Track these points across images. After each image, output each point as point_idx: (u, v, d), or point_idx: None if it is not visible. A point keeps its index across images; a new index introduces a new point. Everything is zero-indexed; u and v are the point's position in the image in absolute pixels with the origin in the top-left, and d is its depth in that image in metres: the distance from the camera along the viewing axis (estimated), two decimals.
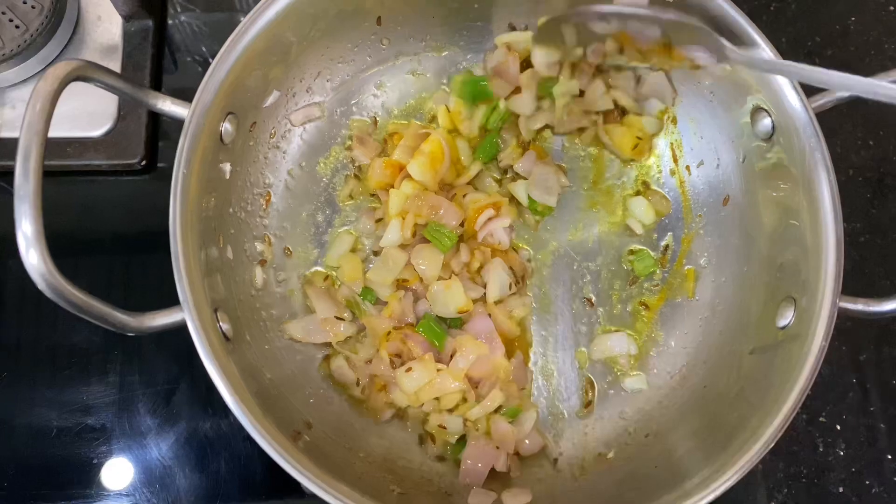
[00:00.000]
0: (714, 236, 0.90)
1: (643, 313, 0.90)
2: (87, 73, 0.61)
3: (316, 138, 0.92)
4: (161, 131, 0.98)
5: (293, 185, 0.91)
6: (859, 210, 1.00)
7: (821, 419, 0.93)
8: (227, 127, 0.77)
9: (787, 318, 0.76)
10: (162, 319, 0.68)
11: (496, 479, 0.82)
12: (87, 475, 0.86)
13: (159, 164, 0.98)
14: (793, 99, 0.76)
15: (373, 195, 0.92)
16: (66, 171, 0.95)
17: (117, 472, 0.87)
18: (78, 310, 0.61)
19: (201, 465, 0.87)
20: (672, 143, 0.93)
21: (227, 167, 0.80)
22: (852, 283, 0.75)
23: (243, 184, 0.85)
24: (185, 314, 0.68)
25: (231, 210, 0.83)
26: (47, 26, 0.95)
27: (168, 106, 0.71)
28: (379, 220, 0.90)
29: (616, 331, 0.89)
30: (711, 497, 0.69)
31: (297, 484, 0.83)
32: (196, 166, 0.71)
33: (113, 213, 0.97)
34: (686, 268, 0.91)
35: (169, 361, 0.90)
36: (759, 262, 0.84)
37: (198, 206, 0.73)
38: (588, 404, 0.87)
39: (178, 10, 1.04)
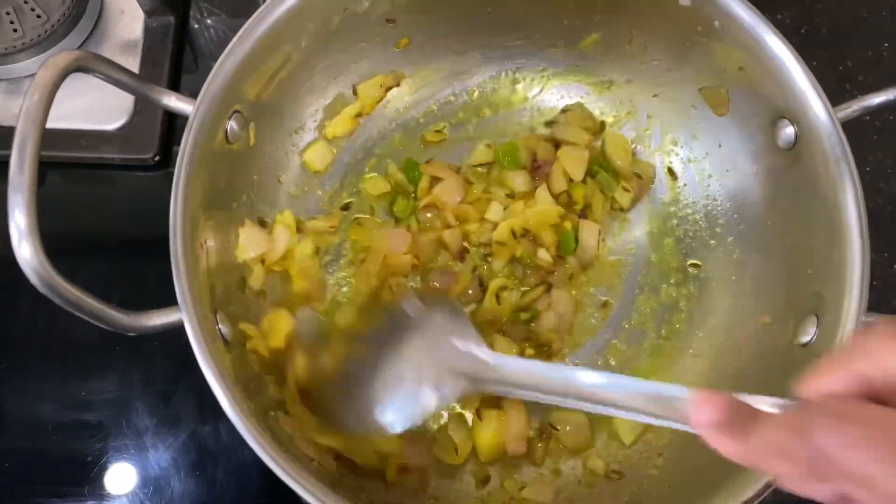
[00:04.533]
0: (734, 250, 0.88)
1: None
2: (89, 63, 0.60)
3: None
4: (176, 128, 0.98)
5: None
6: (888, 239, 0.96)
7: None
8: (232, 125, 0.75)
9: (809, 334, 0.73)
10: (159, 319, 0.66)
11: None
12: (81, 472, 0.85)
13: (173, 161, 0.96)
14: (817, 107, 0.73)
15: None
16: (79, 163, 0.95)
17: (112, 471, 0.85)
18: (71, 306, 0.60)
19: (197, 469, 0.86)
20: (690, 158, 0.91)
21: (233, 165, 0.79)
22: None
23: (249, 183, 0.84)
24: (182, 314, 0.66)
25: (236, 207, 0.82)
26: (69, 17, 0.95)
27: (173, 102, 0.69)
28: None
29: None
30: None
31: (293, 494, 0.82)
32: (199, 164, 0.70)
33: (125, 207, 0.97)
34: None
35: (170, 361, 0.89)
36: (779, 276, 0.81)
37: (201, 204, 0.72)
38: None
39: (204, 13, 1.04)
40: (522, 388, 0.61)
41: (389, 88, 0.93)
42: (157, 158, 0.95)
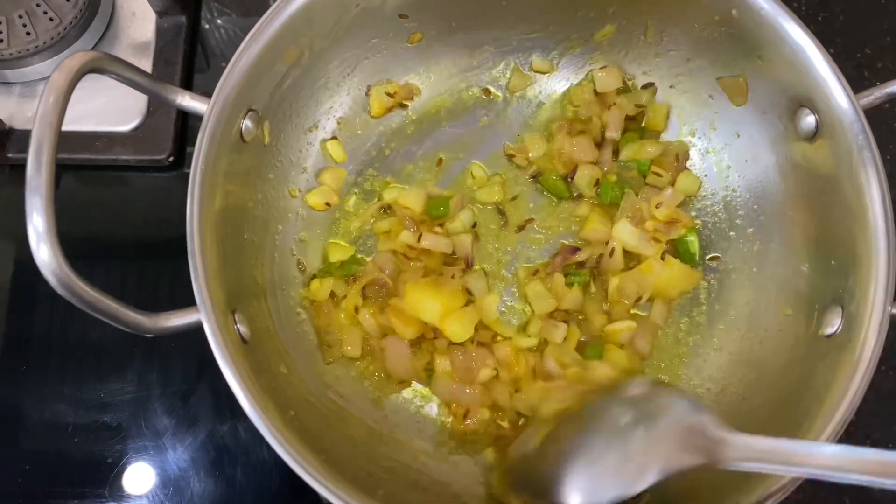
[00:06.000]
0: (754, 241, 0.87)
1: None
2: (103, 64, 0.60)
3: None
4: (189, 128, 0.98)
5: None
6: None
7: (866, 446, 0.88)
8: (247, 124, 0.75)
9: (834, 326, 0.72)
10: (177, 320, 0.66)
11: None
12: (101, 474, 0.85)
13: (186, 161, 0.97)
14: (839, 95, 0.72)
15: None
16: (93, 165, 0.95)
17: (131, 473, 0.86)
18: (90, 308, 0.59)
19: (217, 469, 0.86)
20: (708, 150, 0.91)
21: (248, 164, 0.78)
22: None
23: (265, 181, 0.84)
24: (200, 315, 0.66)
25: (251, 206, 0.82)
26: (81, 20, 0.95)
27: (187, 101, 0.69)
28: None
29: None
30: None
31: (313, 493, 0.82)
32: (215, 163, 0.70)
33: (139, 209, 0.97)
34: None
35: (188, 361, 0.89)
36: (801, 267, 0.80)
37: (217, 204, 0.71)
38: None
39: (214, 13, 1.04)
40: (762, 464, 0.58)
41: (401, 102, 0.93)
42: (171, 159, 0.95)
